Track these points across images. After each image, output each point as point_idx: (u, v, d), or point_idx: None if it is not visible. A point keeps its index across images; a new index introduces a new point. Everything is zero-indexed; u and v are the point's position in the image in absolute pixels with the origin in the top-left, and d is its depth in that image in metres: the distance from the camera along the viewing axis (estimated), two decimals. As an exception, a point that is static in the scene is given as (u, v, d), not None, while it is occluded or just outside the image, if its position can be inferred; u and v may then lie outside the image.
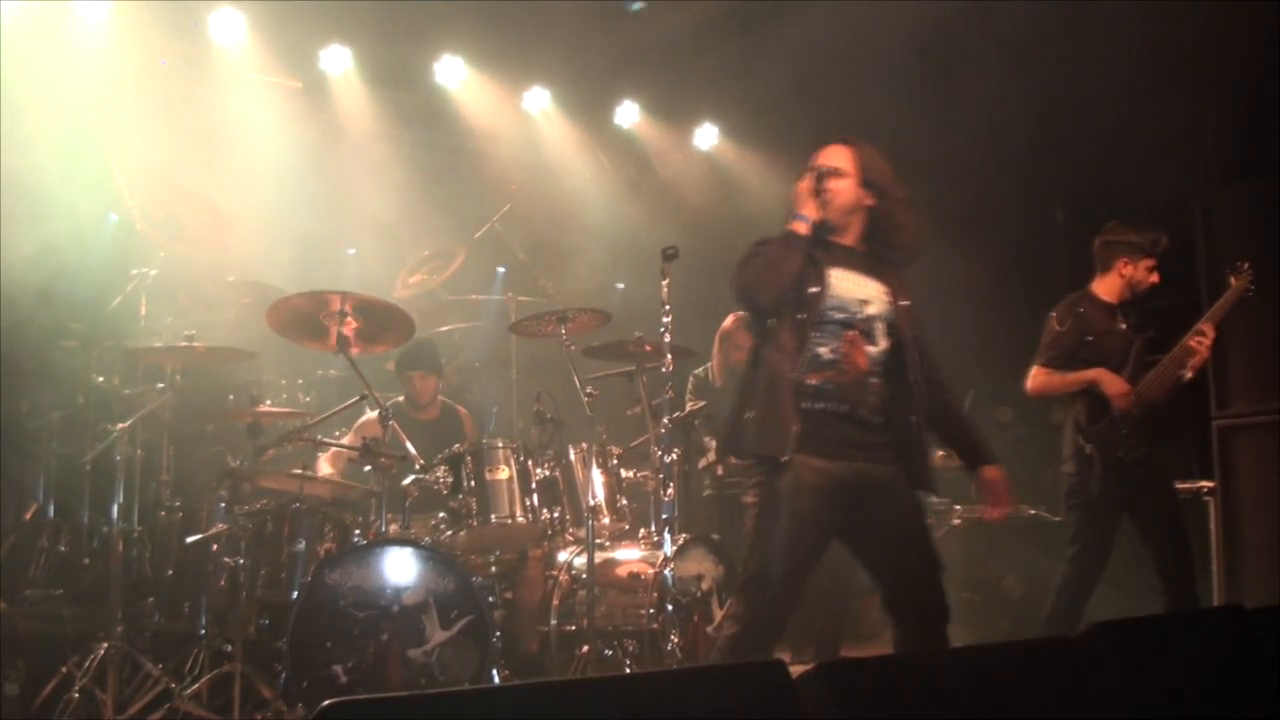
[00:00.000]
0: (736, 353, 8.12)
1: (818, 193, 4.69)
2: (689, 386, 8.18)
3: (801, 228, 4.62)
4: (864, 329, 4.63)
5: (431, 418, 7.39)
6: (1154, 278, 6.38)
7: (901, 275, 4.90)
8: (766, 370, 4.60)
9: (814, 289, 4.58)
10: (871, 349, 4.64)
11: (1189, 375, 6.20)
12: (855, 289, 4.66)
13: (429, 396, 7.42)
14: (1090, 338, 6.28)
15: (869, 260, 4.77)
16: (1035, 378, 6.37)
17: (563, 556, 6.78)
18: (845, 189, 4.78)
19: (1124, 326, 6.35)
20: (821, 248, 4.67)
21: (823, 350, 4.57)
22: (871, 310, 4.67)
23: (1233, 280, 6.24)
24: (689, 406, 7.79)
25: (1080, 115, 8.76)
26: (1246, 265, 6.24)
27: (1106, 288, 6.42)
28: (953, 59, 8.39)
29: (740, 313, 8.15)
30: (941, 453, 8.40)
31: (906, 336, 4.75)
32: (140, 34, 8.08)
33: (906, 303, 4.82)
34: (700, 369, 8.24)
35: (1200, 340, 6.15)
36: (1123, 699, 2.92)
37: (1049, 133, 9.11)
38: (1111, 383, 6.14)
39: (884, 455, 4.62)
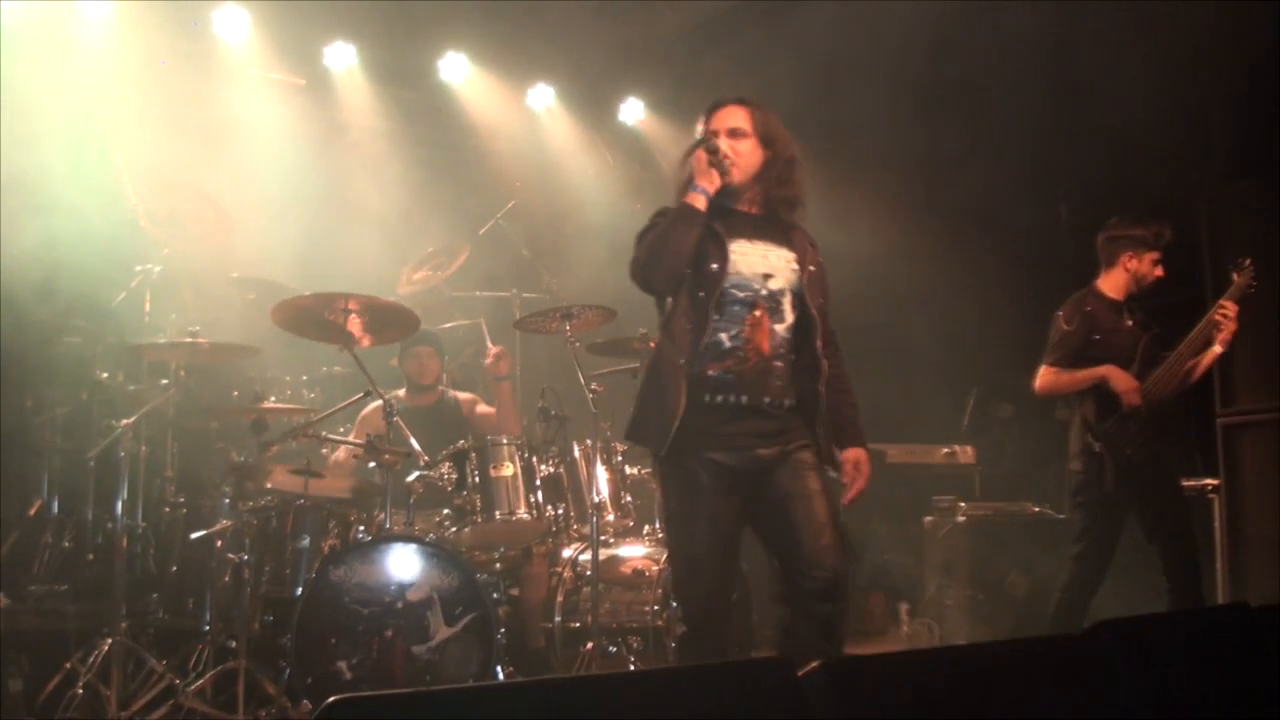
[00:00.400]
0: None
1: (716, 159, 4.43)
2: None
3: (699, 201, 4.36)
4: (769, 306, 4.38)
5: (429, 404, 7.38)
6: (1159, 271, 6.36)
7: (807, 236, 4.65)
8: (658, 356, 4.41)
9: (714, 265, 4.34)
10: (778, 327, 4.39)
11: (1221, 350, 6.16)
12: (759, 263, 4.40)
13: (432, 377, 7.42)
14: (1097, 336, 6.26)
15: (773, 226, 4.54)
16: (1044, 377, 6.35)
17: (567, 553, 6.77)
18: (748, 151, 4.56)
19: (1130, 323, 6.33)
20: (721, 218, 4.41)
21: (723, 336, 4.32)
22: (776, 284, 4.40)
23: (1235, 276, 6.22)
24: None
25: (1084, 113, 8.75)
26: (1249, 262, 6.22)
27: (1112, 283, 6.40)
28: (957, 57, 8.39)
29: None
30: (945, 450, 8.49)
31: (813, 307, 4.47)
32: (144, 31, 8.08)
33: (815, 268, 4.54)
34: None
35: (1224, 314, 6.10)
36: (1127, 697, 2.92)
37: (1053, 130, 9.11)
38: (1121, 379, 6.12)
39: (790, 438, 4.38)
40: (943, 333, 9.42)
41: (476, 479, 6.29)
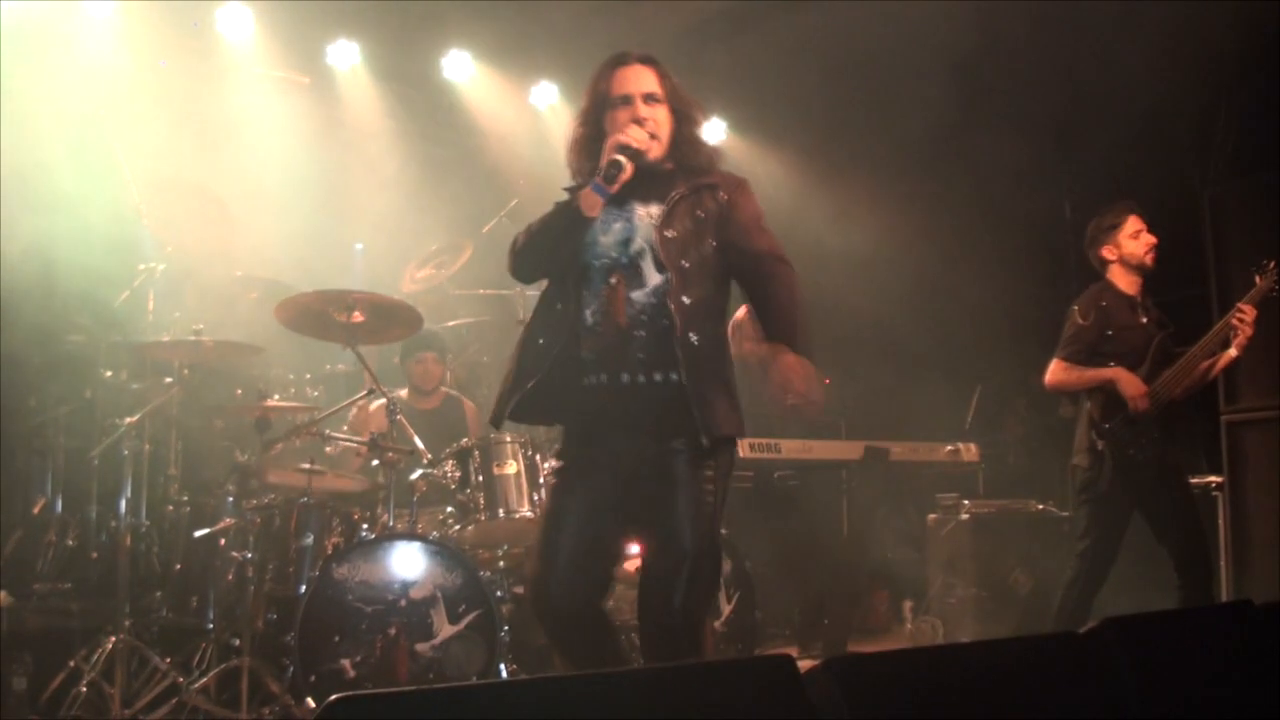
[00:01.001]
0: (747, 343, 8.14)
1: (619, 166, 3.91)
2: None
3: (596, 206, 3.93)
4: (628, 273, 3.96)
5: (433, 407, 7.39)
6: (1146, 240, 6.30)
7: (709, 175, 4.15)
8: (521, 337, 4.12)
9: (577, 239, 4.02)
10: (636, 294, 3.95)
11: (1236, 353, 6.13)
12: (621, 228, 4.01)
13: (435, 382, 7.43)
14: (1111, 332, 6.22)
15: (652, 177, 4.07)
16: (1054, 372, 6.32)
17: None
18: (664, 120, 4.13)
19: (1145, 320, 6.30)
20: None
21: (588, 313, 3.97)
22: (636, 246, 3.98)
23: (1259, 279, 6.17)
24: None
25: (1088, 110, 8.75)
26: (1272, 264, 6.17)
27: (1118, 279, 6.37)
28: (961, 55, 8.38)
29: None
30: (949, 448, 8.49)
31: (677, 265, 3.95)
32: (148, 30, 8.08)
33: (703, 213, 4.05)
34: None
35: (1241, 318, 6.06)
36: (1132, 694, 2.92)
37: (1058, 127, 9.11)
38: (1129, 383, 6.08)
39: (659, 421, 3.93)
40: (946, 330, 9.42)
41: (480, 477, 6.29)
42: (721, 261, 4.10)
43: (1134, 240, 6.30)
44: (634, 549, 6.61)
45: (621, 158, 3.91)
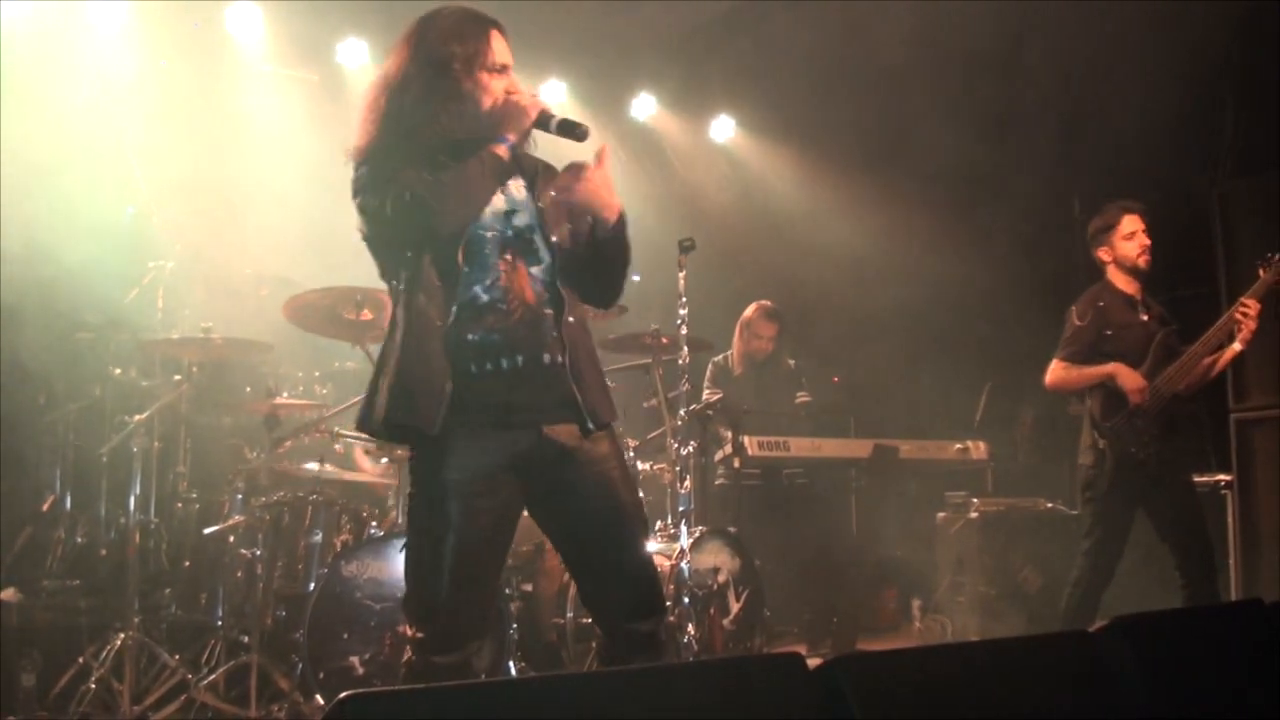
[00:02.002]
0: (756, 341, 8.17)
1: (522, 114, 3.69)
2: (708, 374, 8.24)
3: (505, 154, 3.64)
4: (520, 248, 3.67)
5: None
6: (1141, 242, 6.27)
7: (541, 164, 3.92)
8: (410, 319, 3.56)
9: None
10: (535, 270, 3.67)
11: (1241, 347, 6.11)
12: (497, 199, 3.69)
13: None
14: (1109, 331, 6.23)
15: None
16: (1054, 372, 6.34)
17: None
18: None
19: (1145, 318, 6.30)
20: (451, 152, 3.66)
21: (478, 289, 3.58)
22: (521, 220, 3.71)
23: (1262, 272, 6.16)
24: (706, 394, 7.83)
25: (1098, 106, 8.73)
26: (1277, 258, 6.17)
27: (1116, 278, 6.36)
28: (967, 53, 8.37)
29: (762, 302, 8.20)
30: (958, 446, 8.48)
31: (554, 242, 3.73)
32: (157, 28, 8.09)
33: (544, 203, 3.79)
34: (720, 356, 8.30)
35: (1245, 311, 6.04)
36: (1140, 694, 2.91)
37: (1067, 125, 9.09)
38: (1128, 378, 6.09)
39: (569, 405, 3.64)
40: (955, 328, 9.41)
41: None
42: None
43: (1128, 242, 6.28)
44: (648, 547, 6.65)
45: (551, 111, 3.77)
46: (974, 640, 5.81)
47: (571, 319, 3.68)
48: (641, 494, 6.56)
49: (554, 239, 3.72)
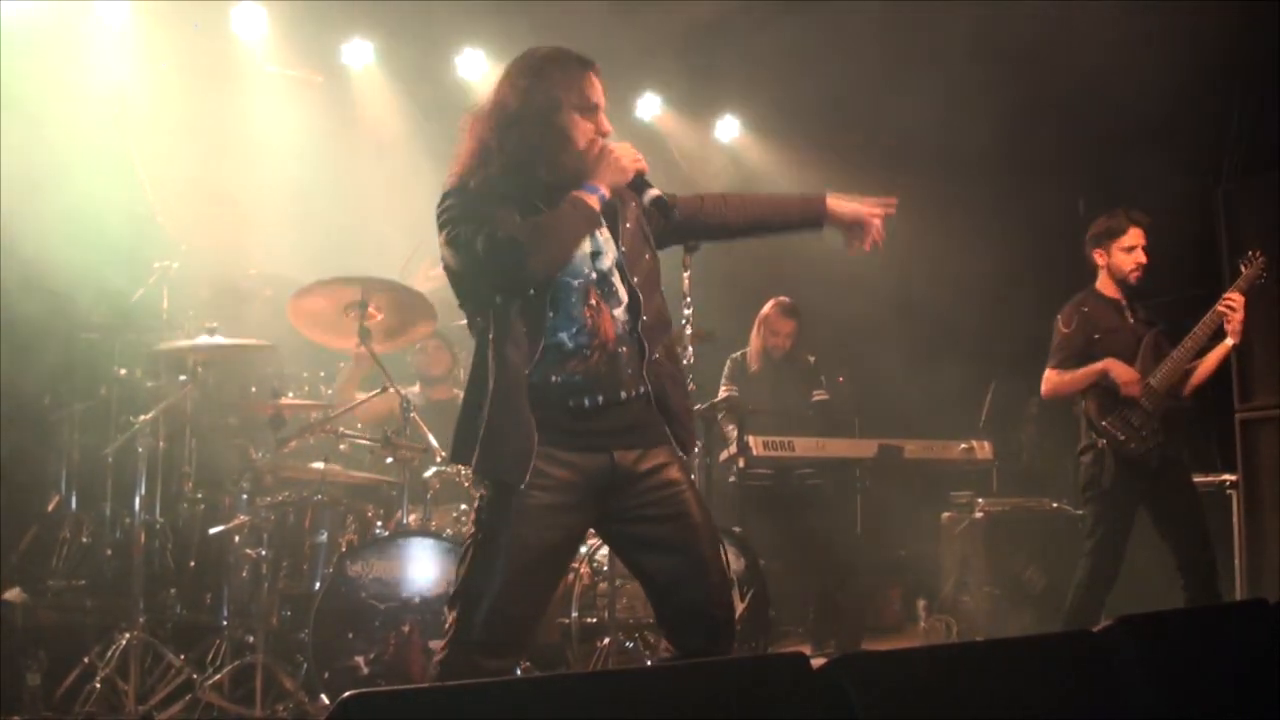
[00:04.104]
0: (774, 337, 8.17)
1: (616, 163, 3.76)
2: (725, 370, 8.28)
3: (596, 203, 3.72)
4: (602, 291, 3.75)
5: (445, 397, 7.39)
6: (1136, 258, 6.27)
7: (624, 196, 3.92)
8: (500, 370, 3.66)
9: None
10: (616, 311, 3.76)
11: (1233, 341, 6.10)
12: (585, 243, 3.76)
13: (442, 368, 7.46)
14: (1097, 335, 6.26)
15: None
16: (1048, 381, 6.38)
17: (584, 549, 6.78)
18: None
19: (1132, 321, 6.31)
20: (543, 195, 3.74)
21: (563, 336, 3.68)
22: (604, 263, 3.78)
23: (1244, 268, 6.18)
24: (722, 391, 7.86)
25: (1103, 105, 8.73)
26: (1259, 254, 6.18)
27: (1104, 284, 6.40)
28: (973, 52, 8.37)
29: (780, 298, 8.21)
30: (963, 445, 8.48)
31: (637, 279, 3.81)
32: (162, 30, 8.10)
33: (631, 223, 3.90)
34: (738, 353, 8.33)
35: (1230, 305, 6.05)
36: (1145, 694, 2.91)
37: (1072, 123, 9.09)
38: (1120, 370, 6.12)
39: (649, 436, 3.79)
40: (960, 327, 9.41)
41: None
42: (658, 270, 3.98)
43: (1125, 254, 6.29)
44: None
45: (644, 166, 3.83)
46: (978, 640, 5.82)
47: (657, 355, 3.80)
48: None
49: (637, 279, 3.80)
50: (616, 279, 3.78)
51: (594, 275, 3.74)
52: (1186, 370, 6.17)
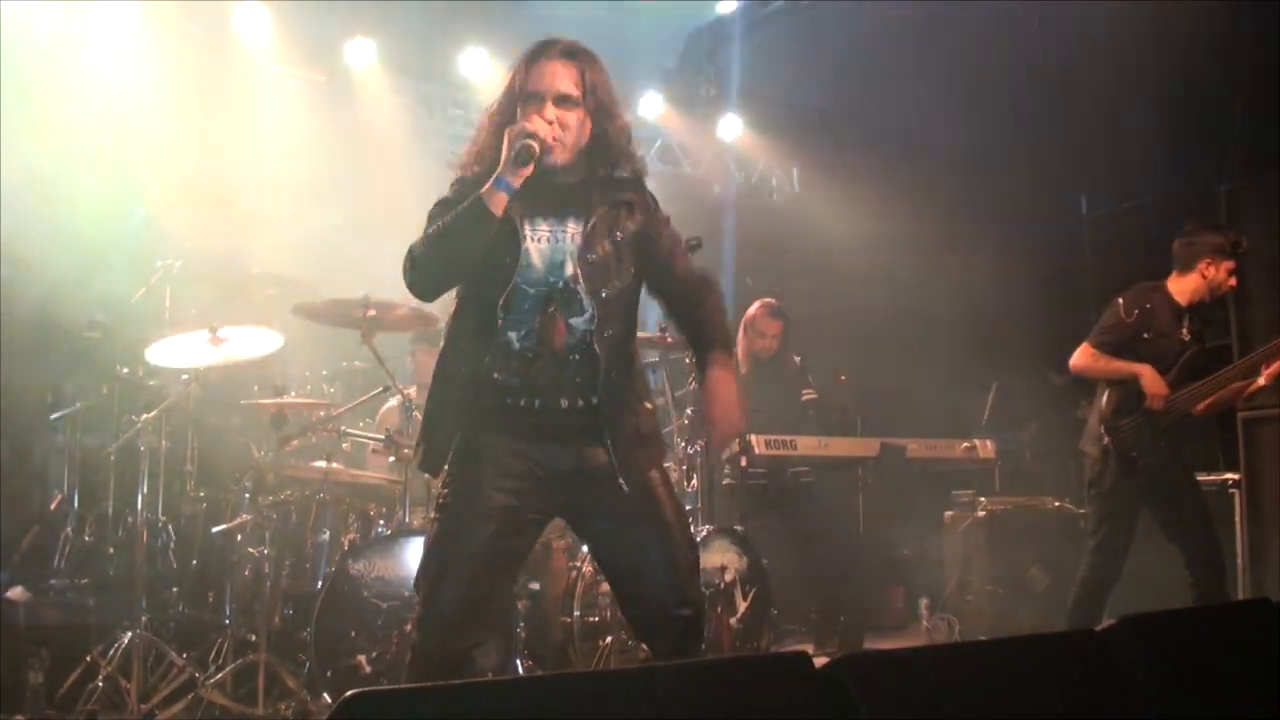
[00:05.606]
0: (760, 340, 8.13)
1: (526, 152, 3.55)
2: None
3: (500, 202, 3.57)
4: (562, 300, 3.71)
5: None
6: (1234, 281, 6.19)
7: (630, 193, 3.88)
8: (442, 361, 3.81)
9: (506, 259, 3.67)
10: (576, 320, 3.71)
11: (1265, 383, 6.08)
12: (554, 249, 3.71)
13: None
14: (1147, 335, 6.14)
15: (584, 190, 3.79)
16: (1082, 355, 6.23)
17: (586, 548, 6.78)
18: (575, 125, 3.72)
19: (1184, 332, 6.20)
20: (523, 190, 3.63)
21: (512, 335, 3.69)
22: (570, 271, 3.70)
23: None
24: None
25: (1106, 104, 8.73)
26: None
27: (1182, 287, 6.23)
28: (976, 51, 8.37)
29: (766, 300, 8.17)
30: (965, 444, 8.47)
31: (605, 294, 3.73)
32: (165, 29, 8.11)
33: (622, 234, 3.80)
34: None
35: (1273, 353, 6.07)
36: (1150, 693, 2.91)
37: (1074, 122, 9.09)
38: (1152, 381, 6.02)
39: (589, 443, 3.75)
40: (963, 326, 9.41)
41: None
42: (637, 290, 3.91)
43: (1228, 275, 6.17)
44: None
45: (533, 142, 3.57)
46: (981, 640, 5.81)
47: (614, 374, 3.77)
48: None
49: (604, 294, 3.74)
50: (580, 289, 3.71)
51: (559, 284, 3.71)
52: (1215, 394, 6.11)
